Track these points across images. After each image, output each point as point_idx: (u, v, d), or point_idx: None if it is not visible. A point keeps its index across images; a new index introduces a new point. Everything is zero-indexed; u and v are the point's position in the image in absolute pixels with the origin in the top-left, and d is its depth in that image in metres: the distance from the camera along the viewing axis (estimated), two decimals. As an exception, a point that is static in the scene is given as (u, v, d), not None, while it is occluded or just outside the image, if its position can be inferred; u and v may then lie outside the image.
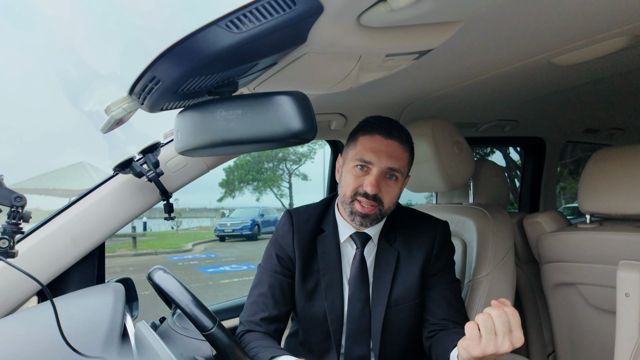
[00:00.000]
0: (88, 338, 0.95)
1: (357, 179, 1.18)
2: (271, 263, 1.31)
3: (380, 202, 1.18)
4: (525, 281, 1.91)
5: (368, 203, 1.17)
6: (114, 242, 16.80)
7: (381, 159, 1.17)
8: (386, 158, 1.17)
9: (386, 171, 1.18)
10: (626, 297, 1.38)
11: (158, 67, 0.69)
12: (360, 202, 1.17)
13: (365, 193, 1.16)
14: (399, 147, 1.19)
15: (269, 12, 0.65)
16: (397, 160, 1.18)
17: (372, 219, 1.19)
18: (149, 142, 1.30)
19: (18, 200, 0.94)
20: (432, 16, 0.80)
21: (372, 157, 1.17)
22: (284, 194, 27.84)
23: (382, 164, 1.17)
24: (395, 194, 1.21)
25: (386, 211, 1.21)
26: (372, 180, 1.16)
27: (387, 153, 1.17)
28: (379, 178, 1.17)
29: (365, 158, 1.18)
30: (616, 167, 1.47)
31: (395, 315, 1.25)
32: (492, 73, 1.34)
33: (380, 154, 1.17)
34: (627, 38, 1.12)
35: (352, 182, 1.19)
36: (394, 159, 1.17)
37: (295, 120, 0.72)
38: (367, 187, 1.16)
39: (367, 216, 1.18)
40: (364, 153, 1.18)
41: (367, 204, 1.17)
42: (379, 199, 1.17)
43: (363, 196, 1.17)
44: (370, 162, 1.17)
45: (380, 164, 1.17)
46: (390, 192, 1.19)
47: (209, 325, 1.02)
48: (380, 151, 1.17)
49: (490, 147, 6.68)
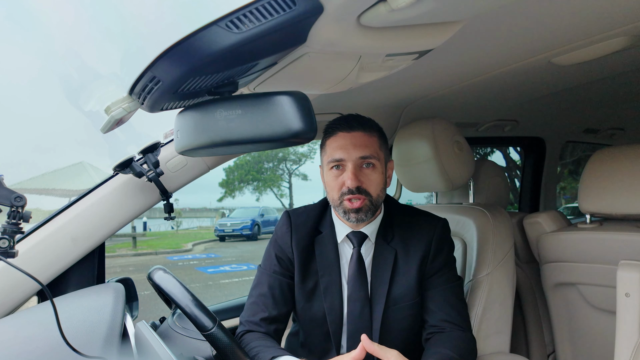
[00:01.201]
0: (88, 338, 0.95)
1: (336, 179, 1.20)
2: (271, 264, 1.31)
3: (366, 192, 1.19)
4: (525, 281, 1.91)
5: (354, 197, 1.18)
6: (114, 242, 16.80)
7: (350, 152, 1.18)
8: (354, 149, 1.18)
9: (360, 162, 1.19)
10: (626, 297, 1.38)
11: (158, 67, 0.69)
12: (348, 199, 1.18)
13: (349, 189, 1.17)
14: (363, 135, 1.20)
15: (269, 12, 0.65)
16: (366, 148, 1.19)
17: (365, 211, 1.20)
18: (149, 142, 1.30)
19: (18, 200, 0.94)
20: (432, 16, 0.80)
21: (341, 153, 1.19)
22: (284, 194, 27.87)
23: (352, 155, 1.18)
24: (379, 180, 1.21)
25: (377, 200, 1.21)
26: (349, 174, 1.17)
27: (353, 145, 1.18)
28: (356, 170, 1.18)
29: (335, 157, 1.20)
30: (616, 167, 1.47)
31: (394, 314, 1.24)
32: (492, 73, 1.34)
33: (347, 148, 1.19)
34: (627, 38, 1.12)
35: (333, 183, 1.21)
36: (363, 147, 1.19)
37: (295, 120, 0.72)
38: (347, 182, 1.17)
39: (360, 210, 1.19)
40: (333, 153, 1.20)
41: (354, 198, 1.18)
42: (364, 190, 1.18)
43: (348, 193, 1.18)
44: (341, 159, 1.19)
45: (351, 157, 1.18)
46: (372, 180, 1.20)
47: (209, 325, 1.02)
48: (346, 145, 1.19)
49: (490, 147, 6.68)
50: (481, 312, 1.45)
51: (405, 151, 1.66)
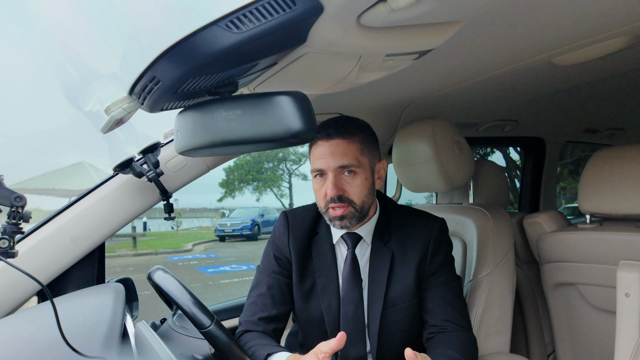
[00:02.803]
0: (88, 338, 0.95)
1: (321, 188, 1.21)
2: (269, 264, 1.31)
3: (349, 200, 1.19)
4: (525, 281, 1.91)
5: (337, 206, 1.18)
6: (114, 242, 16.80)
7: (328, 161, 1.18)
8: (332, 158, 1.18)
9: (340, 170, 1.19)
10: (626, 297, 1.38)
11: (158, 67, 0.69)
12: (332, 207, 1.19)
13: (331, 198, 1.18)
14: (342, 143, 1.19)
15: (269, 12, 0.65)
16: (344, 156, 1.18)
17: (349, 218, 1.20)
18: (149, 142, 1.30)
19: (18, 200, 0.94)
20: (432, 16, 0.80)
21: (321, 163, 1.19)
22: (284, 194, 27.87)
23: (331, 165, 1.18)
24: (362, 187, 1.20)
25: (362, 206, 1.21)
26: (329, 185, 1.18)
27: (331, 153, 1.18)
28: (336, 180, 1.18)
29: (316, 167, 1.20)
30: (616, 167, 1.47)
31: (392, 315, 1.24)
32: (492, 73, 1.34)
33: (326, 157, 1.18)
34: (627, 38, 1.12)
35: (318, 193, 1.22)
36: (340, 156, 1.18)
37: (295, 120, 0.72)
38: (328, 191, 1.18)
39: (343, 217, 1.19)
40: (315, 162, 1.21)
41: (337, 207, 1.18)
42: (346, 198, 1.18)
43: (331, 202, 1.18)
44: (321, 169, 1.19)
45: (329, 166, 1.18)
46: (354, 187, 1.19)
47: (207, 323, 1.02)
48: (325, 155, 1.18)
49: (490, 147, 6.68)
50: (481, 312, 1.45)
51: (405, 151, 1.66)
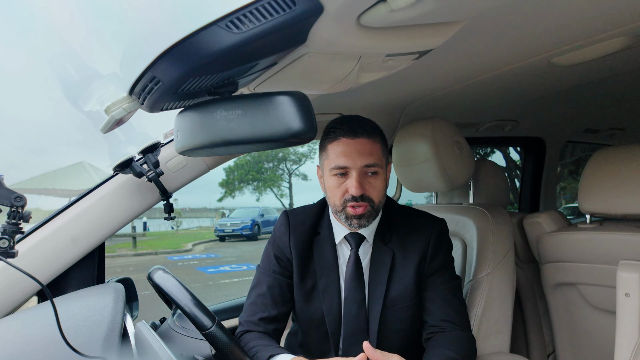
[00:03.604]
0: (88, 338, 0.95)
1: (340, 186, 1.19)
2: (270, 264, 1.31)
3: (369, 199, 1.18)
4: (525, 281, 1.91)
5: (358, 205, 1.17)
6: (114, 242, 16.79)
7: (355, 159, 1.17)
8: (359, 157, 1.17)
9: (364, 169, 1.18)
10: (626, 297, 1.38)
11: (158, 67, 0.69)
12: (352, 206, 1.18)
13: (353, 197, 1.17)
14: (368, 142, 1.18)
15: (269, 12, 0.65)
16: (370, 156, 1.18)
17: (367, 217, 1.20)
18: (149, 142, 1.30)
19: (18, 200, 0.94)
20: (432, 16, 0.80)
21: (345, 161, 1.17)
22: (284, 194, 27.86)
23: (357, 164, 1.17)
24: (381, 187, 1.21)
25: (378, 205, 1.22)
26: (354, 182, 1.16)
27: (358, 152, 1.17)
28: (360, 178, 1.17)
29: (339, 164, 1.18)
30: (616, 167, 1.47)
31: (391, 315, 1.24)
32: (492, 73, 1.34)
33: (352, 155, 1.17)
34: (627, 38, 1.12)
35: (336, 190, 1.20)
36: (367, 156, 1.17)
37: (295, 120, 0.72)
38: (352, 189, 1.16)
39: (362, 216, 1.19)
40: (336, 160, 1.18)
41: (357, 205, 1.17)
42: (367, 197, 1.18)
43: (351, 200, 1.17)
44: (345, 166, 1.17)
45: (355, 165, 1.17)
46: (375, 187, 1.20)
47: (208, 324, 1.02)
48: (351, 153, 1.17)
49: (490, 147, 6.68)
50: (481, 312, 1.45)
51: (405, 151, 1.66)
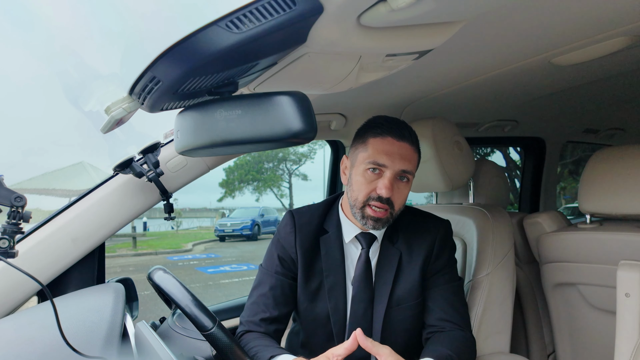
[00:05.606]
0: (88, 338, 0.95)
1: (370, 182, 1.17)
2: (272, 264, 1.30)
3: (392, 204, 1.17)
4: (525, 281, 1.91)
5: (381, 207, 1.16)
6: (114, 242, 16.79)
7: (395, 161, 1.15)
8: (400, 160, 1.16)
9: (399, 173, 1.17)
10: (626, 297, 1.38)
11: (158, 67, 0.69)
12: (373, 206, 1.16)
13: (379, 197, 1.15)
14: (410, 149, 1.18)
15: (269, 12, 0.65)
16: (409, 162, 1.17)
17: (383, 223, 1.19)
18: (149, 142, 1.30)
19: (18, 200, 0.94)
20: (432, 16, 0.80)
21: (385, 159, 1.15)
22: (284, 194, 27.84)
23: (396, 166, 1.15)
24: (406, 195, 1.21)
25: (397, 213, 1.21)
26: (387, 183, 1.15)
27: (400, 155, 1.16)
28: (392, 180, 1.16)
29: (378, 161, 1.16)
30: (616, 167, 1.47)
31: (396, 315, 1.24)
32: (492, 73, 1.34)
33: (393, 156, 1.15)
34: (627, 38, 1.12)
35: (364, 186, 1.17)
36: (407, 161, 1.17)
37: (295, 120, 0.72)
38: (382, 190, 1.15)
39: (380, 220, 1.17)
40: (376, 156, 1.16)
41: (379, 207, 1.16)
42: (392, 202, 1.17)
43: (377, 200, 1.16)
44: (384, 164, 1.16)
45: (394, 167, 1.15)
46: (401, 194, 1.19)
47: (209, 325, 1.02)
48: (393, 153, 1.15)
49: (490, 147, 6.68)
50: (481, 312, 1.45)
51: (405, 151, 1.66)
